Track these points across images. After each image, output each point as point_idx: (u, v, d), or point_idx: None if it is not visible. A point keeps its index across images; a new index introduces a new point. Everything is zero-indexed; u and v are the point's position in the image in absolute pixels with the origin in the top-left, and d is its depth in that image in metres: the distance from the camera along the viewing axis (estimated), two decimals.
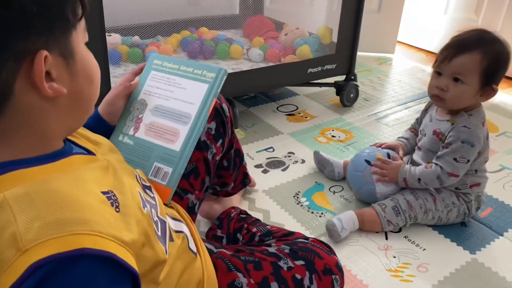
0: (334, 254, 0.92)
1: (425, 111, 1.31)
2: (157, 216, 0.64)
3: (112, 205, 0.51)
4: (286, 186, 1.41)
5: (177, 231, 0.71)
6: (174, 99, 0.84)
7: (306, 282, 0.84)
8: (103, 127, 0.83)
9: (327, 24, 1.88)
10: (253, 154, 1.58)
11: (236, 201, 1.24)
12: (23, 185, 0.46)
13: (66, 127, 0.55)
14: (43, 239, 0.42)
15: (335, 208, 1.31)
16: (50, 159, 0.51)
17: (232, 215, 1.13)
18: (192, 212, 0.92)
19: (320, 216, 1.28)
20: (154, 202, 0.67)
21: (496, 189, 1.42)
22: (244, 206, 1.30)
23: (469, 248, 1.18)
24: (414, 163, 1.28)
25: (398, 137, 1.40)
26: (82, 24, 0.52)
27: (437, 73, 1.15)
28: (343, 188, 1.40)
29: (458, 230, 1.24)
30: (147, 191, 0.68)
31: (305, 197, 1.36)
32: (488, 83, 1.11)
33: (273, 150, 1.61)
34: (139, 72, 0.89)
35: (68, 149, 0.55)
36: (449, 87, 1.12)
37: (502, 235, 1.23)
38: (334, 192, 1.39)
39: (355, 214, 1.21)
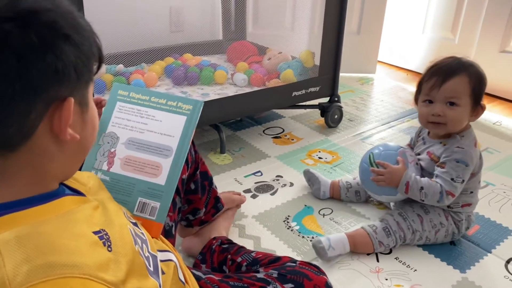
0: (324, 274, 0.92)
1: (417, 135, 1.34)
2: (148, 252, 0.64)
3: (104, 245, 0.51)
4: (275, 210, 1.41)
5: (166, 260, 0.71)
6: (150, 131, 0.82)
7: None
8: None
9: (309, 47, 1.91)
10: (241, 179, 1.58)
11: (216, 231, 1.20)
12: (14, 229, 0.46)
13: (65, 171, 0.55)
14: (33, 283, 0.42)
15: (325, 232, 1.31)
16: (43, 200, 0.51)
17: (213, 247, 1.10)
18: (170, 235, 0.92)
19: (311, 241, 1.27)
20: (144, 238, 0.66)
21: (482, 206, 1.44)
22: (234, 233, 1.29)
23: (459, 267, 1.19)
24: None
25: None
26: (94, 77, 0.55)
27: (428, 101, 1.19)
28: (332, 211, 1.41)
29: (447, 249, 1.25)
30: (135, 227, 0.68)
31: (295, 221, 1.36)
32: (478, 102, 1.17)
33: (261, 174, 1.62)
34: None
35: (60, 190, 0.55)
36: (445, 112, 1.16)
37: (490, 252, 1.25)
38: (323, 215, 1.39)
39: (346, 237, 1.21)
